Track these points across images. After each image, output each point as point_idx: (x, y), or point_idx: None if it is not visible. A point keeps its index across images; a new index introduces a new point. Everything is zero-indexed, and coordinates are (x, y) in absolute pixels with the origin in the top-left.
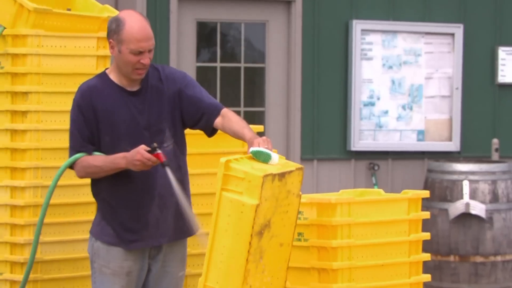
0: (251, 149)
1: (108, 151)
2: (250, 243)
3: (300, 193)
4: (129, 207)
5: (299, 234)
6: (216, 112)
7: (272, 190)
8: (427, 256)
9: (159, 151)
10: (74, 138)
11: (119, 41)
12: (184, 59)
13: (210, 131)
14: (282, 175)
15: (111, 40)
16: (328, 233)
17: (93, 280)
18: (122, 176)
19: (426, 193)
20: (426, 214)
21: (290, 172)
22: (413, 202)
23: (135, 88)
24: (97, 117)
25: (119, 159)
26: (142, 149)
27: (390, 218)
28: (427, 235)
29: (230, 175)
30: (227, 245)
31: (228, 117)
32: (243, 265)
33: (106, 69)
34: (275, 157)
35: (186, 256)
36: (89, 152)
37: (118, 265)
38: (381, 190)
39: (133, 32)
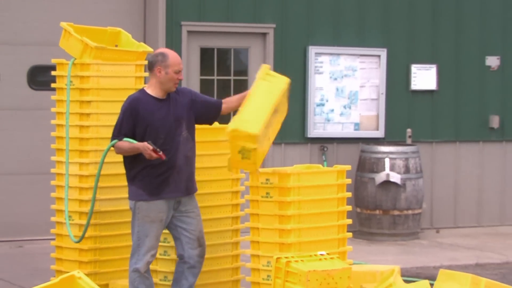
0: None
1: (144, 138)
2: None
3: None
4: (160, 173)
5: (267, 193)
6: (220, 103)
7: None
8: (349, 208)
9: (159, 152)
10: (116, 129)
11: (166, 66)
12: (191, 74)
13: (213, 121)
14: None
15: (158, 67)
16: (285, 192)
17: (133, 225)
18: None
19: (348, 167)
20: (348, 181)
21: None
22: (340, 173)
23: (164, 98)
24: (137, 119)
25: (136, 148)
26: (147, 145)
27: (325, 183)
28: (349, 194)
29: None
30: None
31: (227, 100)
32: (268, 115)
33: (144, 87)
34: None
35: (198, 204)
36: (120, 139)
37: (155, 215)
38: (320, 165)
39: (175, 60)
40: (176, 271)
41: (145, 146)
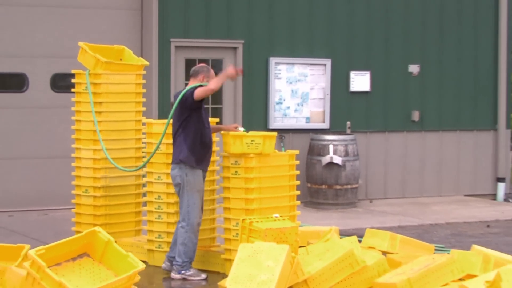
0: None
1: (197, 120)
2: None
3: None
4: (205, 153)
5: (236, 171)
6: None
7: None
8: (297, 182)
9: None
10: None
11: (207, 76)
12: (178, 79)
13: None
14: None
15: (202, 75)
16: (249, 171)
17: (181, 195)
18: (203, 139)
19: (296, 152)
20: (297, 162)
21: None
22: (291, 156)
23: None
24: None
25: (225, 74)
26: (231, 67)
27: (279, 164)
28: (297, 172)
29: None
30: None
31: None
32: None
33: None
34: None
35: None
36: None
37: (200, 186)
38: (276, 150)
39: (212, 74)
40: (176, 233)
41: (231, 68)
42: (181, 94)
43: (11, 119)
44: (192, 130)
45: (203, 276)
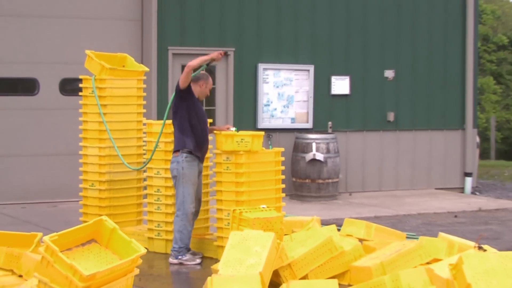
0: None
1: (191, 118)
2: None
3: None
4: (202, 146)
5: (227, 167)
6: None
7: None
8: (283, 177)
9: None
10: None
11: (207, 83)
12: (175, 83)
13: None
14: None
15: (202, 82)
16: (239, 166)
17: (176, 186)
18: (199, 133)
19: (281, 149)
20: (282, 158)
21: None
22: (277, 153)
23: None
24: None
25: (208, 57)
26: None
27: (266, 160)
28: (283, 168)
29: None
30: None
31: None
32: None
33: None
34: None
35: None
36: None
37: (194, 179)
38: (264, 148)
39: (211, 82)
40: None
41: (215, 53)
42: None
43: (23, 120)
44: (190, 127)
45: (198, 260)
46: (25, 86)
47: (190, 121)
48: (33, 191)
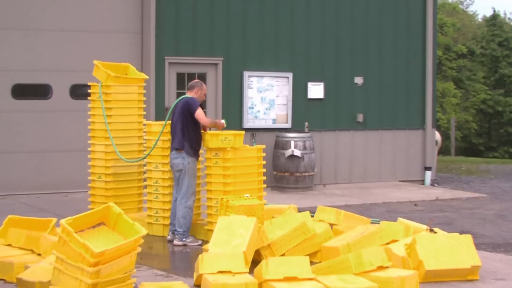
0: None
1: (194, 122)
2: None
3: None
4: (199, 144)
5: (216, 161)
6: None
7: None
8: (264, 171)
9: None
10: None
11: (201, 89)
12: (171, 89)
13: None
14: None
15: (197, 89)
16: (226, 161)
17: (182, 179)
18: (199, 135)
19: (262, 146)
20: (263, 154)
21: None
22: (259, 150)
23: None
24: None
25: (215, 122)
26: (220, 121)
27: (250, 156)
28: (264, 162)
29: None
30: None
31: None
32: None
33: (188, 96)
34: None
35: None
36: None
37: (196, 172)
38: (247, 145)
39: (205, 88)
40: (173, 211)
41: (221, 123)
42: (183, 100)
43: (38, 121)
44: (192, 129)
45: (199, 242)
46: (39, 91)
47: (193, 126)
48: (47, 182)
